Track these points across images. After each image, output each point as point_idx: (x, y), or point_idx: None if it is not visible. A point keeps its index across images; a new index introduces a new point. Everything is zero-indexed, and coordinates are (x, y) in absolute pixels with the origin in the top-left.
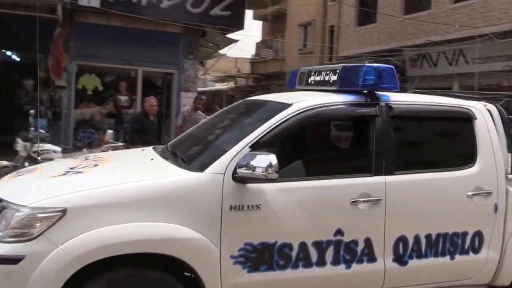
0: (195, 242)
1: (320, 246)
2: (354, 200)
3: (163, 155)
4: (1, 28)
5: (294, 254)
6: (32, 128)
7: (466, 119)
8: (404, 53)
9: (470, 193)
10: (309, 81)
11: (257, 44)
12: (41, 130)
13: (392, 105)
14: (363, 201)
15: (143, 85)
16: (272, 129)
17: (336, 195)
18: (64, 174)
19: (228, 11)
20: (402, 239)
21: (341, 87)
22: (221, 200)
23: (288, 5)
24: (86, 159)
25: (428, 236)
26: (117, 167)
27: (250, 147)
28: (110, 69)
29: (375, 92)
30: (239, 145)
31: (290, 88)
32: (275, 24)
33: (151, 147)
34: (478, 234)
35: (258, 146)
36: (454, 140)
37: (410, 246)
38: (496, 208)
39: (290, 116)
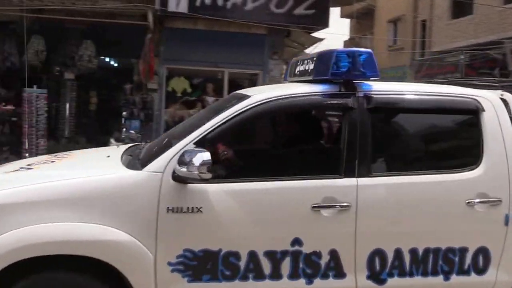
0: (125, 246)
1: (274, 257)
2: (315, 205)
3: (127, 152)
4: (99, 36)
5: (242, 264)
6: (124, 129)
7: (471, 111)
8: (504, 45)
9: (471, 201)
10: (296, 72)
11: (345, 42)
12: (132, 131)
13: (372, 96)
14: (327, 207)
15: (229, 86)
16: (223, 123)
17: (293, 199)
18: (16, 171)
19: (312, 9)
20: (379, 253)
21: (316, 76)
22: (158, 201)
23: (377, 1)
24: (55, 156)
25: (413, 251)
26: (69, 164)
27: (195, 143)
28: (198, 72)
29: (354, 81)
30: (184, 141)
31: (285, 80)
32: (362, 21)
33: (128, 146)
34: (483, 251)
35: (206, 142)
36: (453, 137)
37: (390, 261)
38: (507, 220)
39: (245, 109)
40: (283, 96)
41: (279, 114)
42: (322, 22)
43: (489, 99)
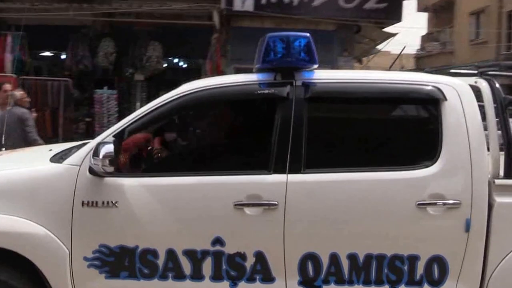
0: (40, 239)
1: (194, 256)
2: (238, 203)
3: (68, 147)
4: (166, 37)
5: (160, 262)
6: None
7: (429, 101)
8: None
9: (422, 202)
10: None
11: (422, 37)
12: None
13: (311, 85)
14: (251, 205)
15: None
16: (146, 114)
17: (215, 196)
18: None
19: (384, 3)
20: (312, 257)
21: (257, 64)
22: (73, 194)
23: None
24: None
25: (352, 257)
26: (8, 158)
27: (114, 136)
28: None
29: (294, 68)
30: (104, 134)
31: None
32: (441, 14)
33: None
34: (437, 261)
35: (127, 134)
36: (406, 130)
37: (325, 267)
38: (468, 226)
39: (171, 99)
40: (213, 86)
41: (207, 104)
42: (395, 16)
43: (454, 86)
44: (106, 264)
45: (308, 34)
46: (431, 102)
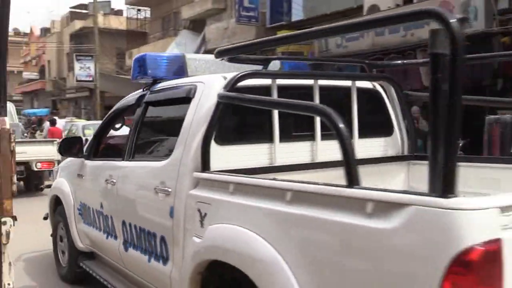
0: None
1: (97, 213)
2: (107, 179)
3: None
4: None
5: (92, 215)
6: None
7: (185, 100)
8: None
9: (156, 187)
10: None
11: None
12: None
13: (148, 93)
14: (110, 182)
15: None
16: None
17: (99, 174)
18: None
19: None
20: (123, 224)
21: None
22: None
23: None
24: None
25: (132, 226)
26: None
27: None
28: None
29: (156, 80)
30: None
31: None
32: None
33: None
34: (163, 241)
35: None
36: (168, 130)
37: (126, 232)
38: (171, 212)
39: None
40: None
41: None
42: None
43: (206, 83)
44: (82, 214)
45: (145, 53)
46: (186, 101)
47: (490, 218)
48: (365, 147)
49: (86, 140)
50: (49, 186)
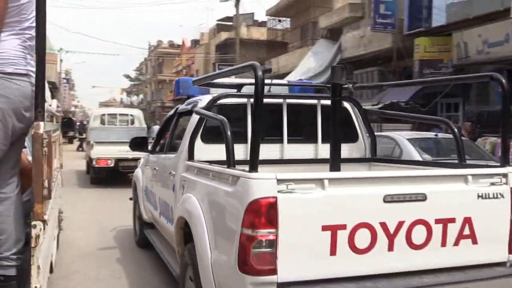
0: None
1: (151, 192)
2: (154, 167)
3: None
4: None
5: (150, 194)
6: None
7: (191, 112)
8: None
9: (170, 172)
10: None
11: None
12: None
13: (180, 106)
14: None
15: None
16: None
17: (151, 164)
18: None
19: None
20: (159, 199)
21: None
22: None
23: None
24: None
25: (162, 200)
26: None
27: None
28: None
29: (189, 97)
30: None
31: None
32: None
33: None
34: (171, 209)
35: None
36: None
37: (160, 204)
38: (173, 188)
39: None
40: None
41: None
42: None
43: (201, 100)
44: (146, 195)
45: (178, 78)
46: (191, 113)
47: (269, 184)
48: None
49: (153, 139)
50: None
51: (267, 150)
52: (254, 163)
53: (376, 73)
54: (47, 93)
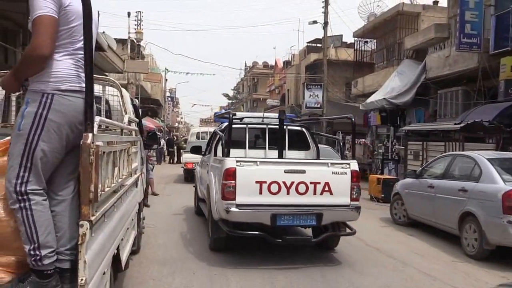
0: None
1: (200, 179)
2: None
3: None
4: None
5: (199, 180)
6: None
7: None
8: None
9: (208, 163)
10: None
11: None
12: None
13: (218, 127)
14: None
15: None
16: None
17: (202, 162)
18: None
19: None
20: (208, 183)
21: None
22: None
23: None
24: None
25: (203, 180)
26: None
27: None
28: None
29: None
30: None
31: None
32: None
33: None
34: (205, 182)
35: None
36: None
37: (204, 186)
38: (208, 172)
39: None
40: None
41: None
42: None
43: (222, 123)
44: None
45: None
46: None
47: (232, 162)
48: (297, 155)
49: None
50: None
51: (258, 154)
52: (228, 153)
53: (461, 93)
54: (130, 109)
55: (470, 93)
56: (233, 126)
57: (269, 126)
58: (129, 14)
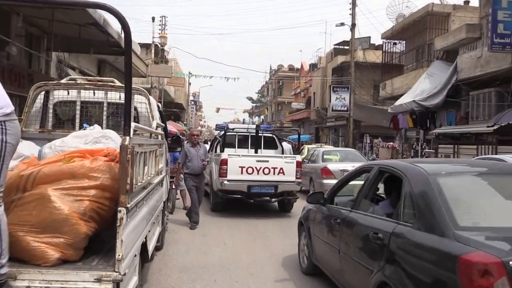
0: None
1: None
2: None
3: None
4: None
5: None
6: None
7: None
8: None
9: (212, 158)
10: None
11: None
12: None
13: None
14: None
15: None
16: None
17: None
18: None
19: None
20: None
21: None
22: None
23: None
24: None
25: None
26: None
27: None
28: None
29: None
30: None
31: None
32: None
33: None
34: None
35: None
36: None
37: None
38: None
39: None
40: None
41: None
42: None
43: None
44: None
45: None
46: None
47: (225, 155)
48: (269, 152)
49: None
50: None
51: (243, 151)
52: (223, 150)
53: (494, 94)
54: (157, 115)
55: (504, 94)
56: (227, 133)
57: (250, 133)
58: (153, 19)
